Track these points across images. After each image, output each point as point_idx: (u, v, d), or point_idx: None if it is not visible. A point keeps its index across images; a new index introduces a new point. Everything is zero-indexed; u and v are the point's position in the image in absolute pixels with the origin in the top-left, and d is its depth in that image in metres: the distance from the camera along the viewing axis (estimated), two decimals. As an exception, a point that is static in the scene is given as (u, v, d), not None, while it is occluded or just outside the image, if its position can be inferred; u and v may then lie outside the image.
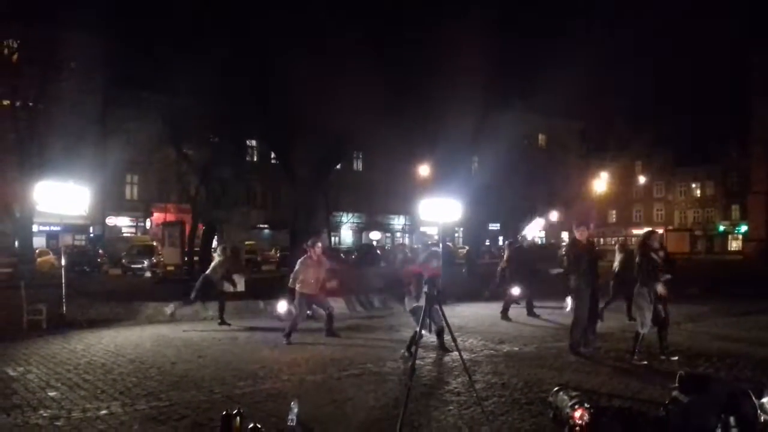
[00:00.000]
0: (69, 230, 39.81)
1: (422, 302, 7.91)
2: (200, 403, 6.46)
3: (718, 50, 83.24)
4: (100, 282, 23.50)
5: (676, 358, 8.43)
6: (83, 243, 40.46)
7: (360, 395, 6.74)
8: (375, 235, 58.35)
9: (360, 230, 58.85)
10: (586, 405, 5.31)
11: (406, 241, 62.07)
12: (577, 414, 5.23)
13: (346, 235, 57.52)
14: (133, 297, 15.47)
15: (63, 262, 13.75)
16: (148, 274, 28.54)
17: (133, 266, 30.48)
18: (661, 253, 8.70)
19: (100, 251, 35.83)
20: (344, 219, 55.84)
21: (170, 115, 25.03)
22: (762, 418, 4.87)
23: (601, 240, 64.43)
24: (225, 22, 18.54)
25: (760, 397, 4.98)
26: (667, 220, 74.85)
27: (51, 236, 39.30)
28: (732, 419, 4.71)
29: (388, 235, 61.94)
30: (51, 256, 30.76)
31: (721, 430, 4.56)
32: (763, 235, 50.70)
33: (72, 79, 31.25)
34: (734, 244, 67.19)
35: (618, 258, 12.91)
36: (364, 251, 42.88)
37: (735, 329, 11.42)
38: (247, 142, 35.06)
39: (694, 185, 76.42)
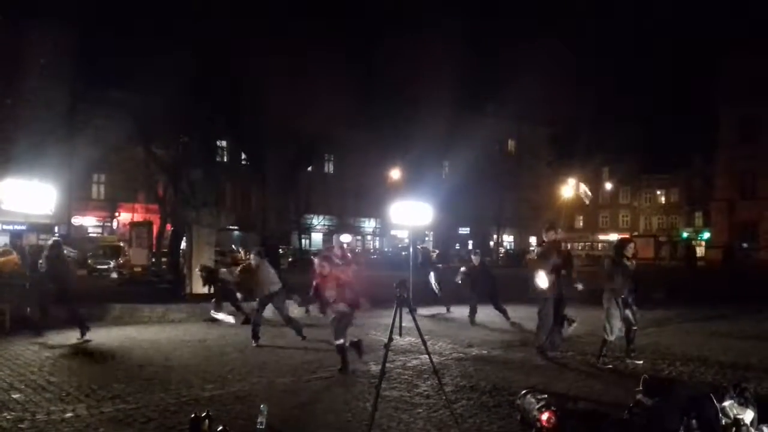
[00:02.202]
0: (34, 229, 38.99)
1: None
2: (168, 405, 6.41)
3: (684, 58, 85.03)
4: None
5: (641, 362, 8.58)
6: (48, 243, 39.66)
7: (329, 398, 6.75)
8: (345, 238, 58.20)
9: (331, 232, 58.71)
10: (552, 408, 5.41)
11: (377, 244, 62.18)
12: (544, 417, 5.32)
13: (316, 238, 57.31)
14: (99, 298, 15.23)
15: (27, 261, 13.49)
16: (114, 275, 28.10)
17: (99, 267, 29.99)
18: (633, 261, 8.80)
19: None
20: (315, 221, 55.69)
21: (139, 114, 24.72)
22: (723, 421, 4.98)
23: (568, 245, 65.19)
24: (198, 24, 18.43)
25: (721, 401, 5.09)
26: (633, 226, 76.17)
27: (15, 235, 38.45)
28: (694, 422, 4.81)
29: (359, 237, 61.91)
30: (14, 256, 30.08)
31: (683, 433, 4.66)
32: (726, 242, 51.77)
33: (39, 76, 30.68)
34: (697, 251, 68.59)
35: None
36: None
37: (698, 334, 11.67)
38: (218, 142, 34.78)
39: (659, 192, 77.89)
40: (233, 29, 18.70)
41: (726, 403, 5.10)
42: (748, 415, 5.02)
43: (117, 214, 46.22)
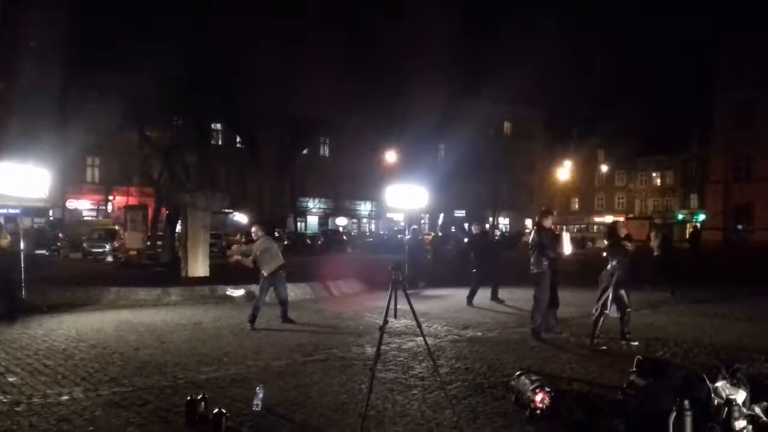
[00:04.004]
0: (28, 213, 38.80)
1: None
2: (164, 388, 6.42)
3: (681, 42, 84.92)
4: (61, 266, 23.08)
5: (636, 343, 8.63)
6: (42, 226, 39.53)
7: (325, 380, 6.77)
8: (341, 221, 58.27)
9: (326, 216, 58.71)
10: (546, 389, 5.44)
11: (373, 227, 62.19)
12: (538, 397, 5.36)
13: (312, 221, 57.31)
14: (94, 281, 15.23)
15: (22, 245, 13.45)
16: (109, 258, 28.09)
17: (94, 250, 29.94)
18: (630, 245, 8.91)
19: (60, 235, 35.07)
20: (310, 204, 55.64)
21: (133, 97, 24.60)
22: (716, 401, 5.01)
23: (564, 227, 65.45)
24: (192, 9, 18.29)
25: (714, 381, 5.13)
26: (628, 208, 76.40)
27: (9, 219, 38.30)
28: (687, 402, 4.83)
29: (355, 221, 61.92)
30: (8, 240, 30.00)
31: (676, 413, 4.68)
32: (720, 224, 52.04)
33: (31, 59, 30.40)
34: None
35: (655, 242, 13.63)
36: (329, 237, 42.80)
37: (692, 316, 11.72)
38: (212, 125, 34.65)
39: (654, 174, 78.05)
40: (228, 14, 18.57)
41: (718, 384, 5.13)
42: (740, 396, 5.05)
43: (111, 197, 46.08)
